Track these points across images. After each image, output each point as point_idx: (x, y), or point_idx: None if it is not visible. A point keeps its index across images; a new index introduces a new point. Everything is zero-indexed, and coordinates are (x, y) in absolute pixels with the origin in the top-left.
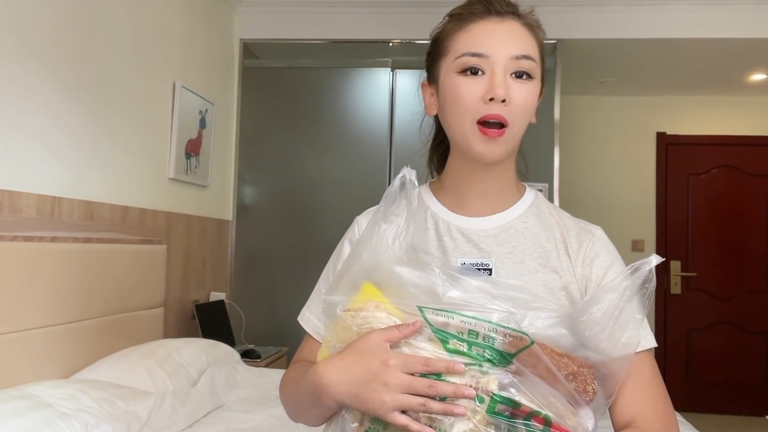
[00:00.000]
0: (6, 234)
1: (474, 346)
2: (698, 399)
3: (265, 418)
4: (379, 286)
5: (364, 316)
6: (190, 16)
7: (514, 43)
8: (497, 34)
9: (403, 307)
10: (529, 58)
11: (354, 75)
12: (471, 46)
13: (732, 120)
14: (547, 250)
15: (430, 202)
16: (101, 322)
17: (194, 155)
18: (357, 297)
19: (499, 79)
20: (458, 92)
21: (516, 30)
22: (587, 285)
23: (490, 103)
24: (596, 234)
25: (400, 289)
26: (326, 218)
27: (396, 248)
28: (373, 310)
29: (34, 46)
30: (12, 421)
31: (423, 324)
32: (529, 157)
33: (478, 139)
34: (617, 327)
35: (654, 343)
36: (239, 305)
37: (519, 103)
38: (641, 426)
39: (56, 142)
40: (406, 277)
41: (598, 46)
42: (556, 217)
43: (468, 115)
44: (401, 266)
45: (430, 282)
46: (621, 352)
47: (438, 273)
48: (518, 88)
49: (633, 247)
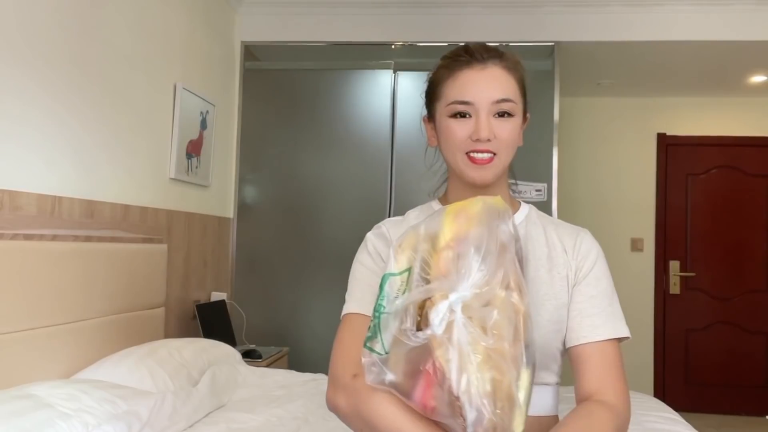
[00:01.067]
0: (6, 232)
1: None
2: (698, 399)
3: (266, 418)
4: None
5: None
6: (191, 18)
7: (496, 89)
8: (480, 82)
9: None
10: (508, 101)
11: (356, 77)
12: (458, 94)
13: (732, 121)
14: (549, 252)
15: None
16: (102, 322)
17: (195, 156)
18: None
19: (483, 122)
20: (451, 132)
21: (497, 75)
22: (577, 274)
23: (476, 141)
24: (586, 233)
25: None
26: (328, 220)
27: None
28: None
29: (35, 47)
30: (12, 421)
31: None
32: (528, 157)
33: (469, 167)
34: (596, 315)
35: (627, 334)
36: (240, 305)
37: (503, 138)
38: (602, 399)
39: (57, 141)
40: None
41: (597, 48)
42: (549, 223)
43: (459, 150)
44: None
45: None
46: (597, 337)
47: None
48: (501, 126)
49: (632, 246)
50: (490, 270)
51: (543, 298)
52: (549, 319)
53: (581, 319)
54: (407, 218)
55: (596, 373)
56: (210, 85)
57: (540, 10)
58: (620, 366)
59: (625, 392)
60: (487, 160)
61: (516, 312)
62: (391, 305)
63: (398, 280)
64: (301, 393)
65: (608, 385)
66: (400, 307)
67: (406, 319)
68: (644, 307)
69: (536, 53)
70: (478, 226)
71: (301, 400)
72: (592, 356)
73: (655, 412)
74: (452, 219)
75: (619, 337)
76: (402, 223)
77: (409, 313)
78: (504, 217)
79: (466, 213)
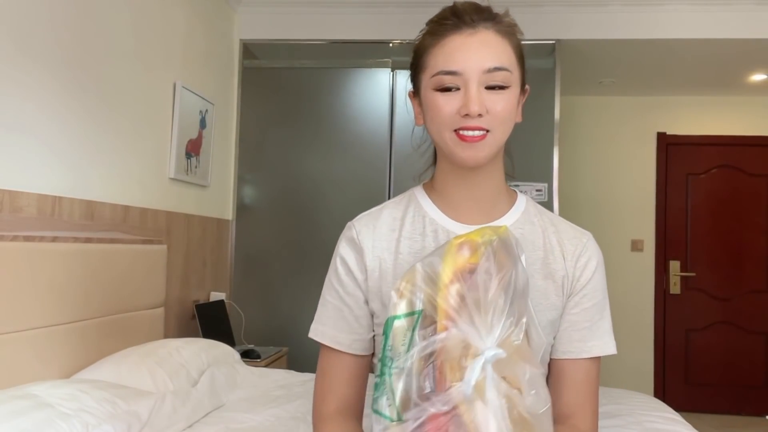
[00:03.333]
0: (6, 234)
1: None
2: (698, 399)
3: (265, 418)
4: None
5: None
6: (190, 17)
7: (487, 56)
8: (469, 49)
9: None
10: (502, 69)
11: (354, 75)
12: (444, 63)
13: (732, 120)
14: (544, 256)
15: (428, 207)
16: (102, 322)
17: (194, 155)
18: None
19: (473, 94)
20: (436, 107)
21: (489, 40)
22: (574, 284)
23: (466, 117)
24: (588, 239)
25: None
26: (326, 218)
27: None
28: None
29: (34, 46)
30: (12, 421)
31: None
32: (529, 156)
33: (459, 146)
34: (587, 330)
35: (614, 351)
36: (239, 305)
37: (498, 111)
38: (579, 426)
39: (57, 141)
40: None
41: (598, 47)
42: (549, 221)
43: (446, 127)
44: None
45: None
46: (585, 354)
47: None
48: (494, 99)
49: (632, 247)
50: (517, 314)
51: (536, 309)
52: (542, 333)
53: (572, 333)
54: (381, 215)
55: (577, 394)
56: (209, 84)
57: (541, 8)
58: (597, 385)
59: (597, 414)
60: (478, 138)
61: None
62: (399, 358)
63: (404, 323)
64: (300, 393)
65: (587, 410)
66: (415, 360)
67: (424, 381)
68: (644, 307)
69: (537, 51)
70: (491, 259)
71: (300, 400)
72: (576, 374)
73: (655, 412)
74: (456, 251)
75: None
76: (377, 221)
77: (428, 374)
78: (521, 247)
79: (471, 244)
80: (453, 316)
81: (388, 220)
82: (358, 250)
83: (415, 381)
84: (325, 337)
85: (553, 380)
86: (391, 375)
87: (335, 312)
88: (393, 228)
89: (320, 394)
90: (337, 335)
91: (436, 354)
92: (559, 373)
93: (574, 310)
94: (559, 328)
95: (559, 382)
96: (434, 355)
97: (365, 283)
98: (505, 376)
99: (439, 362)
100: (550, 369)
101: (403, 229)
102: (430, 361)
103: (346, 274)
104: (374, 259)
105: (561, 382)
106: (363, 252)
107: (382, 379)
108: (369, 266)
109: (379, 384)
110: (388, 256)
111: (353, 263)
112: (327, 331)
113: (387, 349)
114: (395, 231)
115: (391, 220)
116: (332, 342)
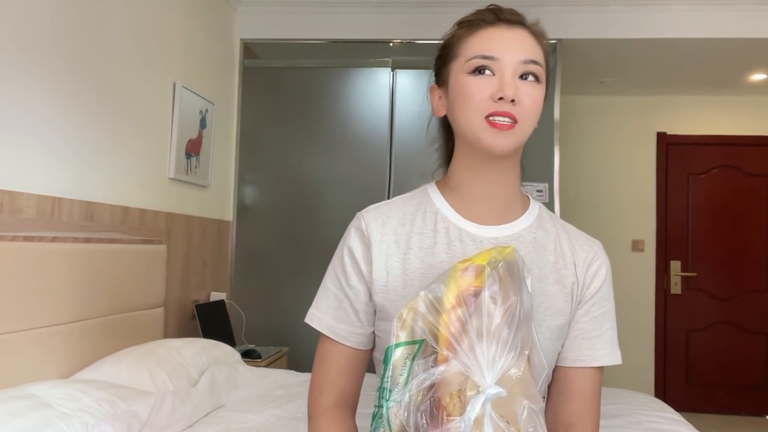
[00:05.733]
0: (6, 234)
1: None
2: (698, 399)
3: (265, 418)
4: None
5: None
6: (190, 16)
7: (523, 49)
8: (507, 40)
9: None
10: (536, 63)
11: (354, 75)
12: (482, 49)
13: (732, 120)
14: (555, 261)
15: (440, 204)
16: (101, 322)
17: (194, 155)
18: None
19: (509, 80)
20: (469, 90)
21: (524, 37)
22: (584, 291)
23: (499, 101)
24: (599, 247)
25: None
26: (326, 218)
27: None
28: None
29: (34, 46)
30: (12, 421)
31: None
32: (529, 157)
33: (487, 131)
34: (596, 338)
35: (620, 361)
36: (239, 305)
37: (527, 103)
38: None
39: (56, 142)
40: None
41: (598, 46)
42: (561, 228)
43: (477, 112)
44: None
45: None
46: (594, 363)
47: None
48: (527, 90)
49: (633, 247)
50: (521, 345)
51: (545, 314)
52: (550, 338)
53: (581, 341)
54: (392, 209)
55: (582, 403)
56: (209, 84)
57: (541, 8)
58: (600, 394)
59: (598, 424)
60: (508, 126)
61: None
62: (398, 390)
63: (403, 351)
64: (300, 393)
65: (589, 419)
66: (413, 393)
67: (422, 418)
68: (645, 307)
69: None
70: (496, 284)
71: (301, 400)
72: (582, 382)
73: (656, 412)
74: (460, 274)
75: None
76: (387, 215)
77: (425, 410)
78: (527, 269)
79: (476, 267)
80: (454, 345)
81: (399, 215)
82: (365, 242)
83: (412, 416)
84: (322, 325)
85: (558, 388)
86: (388, 408)
87: (336, 302)
88: (403, 222)
89: (317, 383)
90: (335, 325)
91: (435, 387)
92: (565, 381)
93: (584, 319)
94: (568, 336)
95: (564, 389)
96: (434, 388)
97: (370, 275)
98: (502, 414)
99: (437, 395)
100: (555, 376)
101: (414, 225)
102: (429, 395)
103: (352, 266)
104: (381, 253)
105: (566, 390)
106: (371, 244)
107: (379, 411)
108: (375, 259)
109: (376, 415)
110: (397, 250)
111: (360, 255)
112: (325, 319)
113: (385, 380)
114: (405, 225)
115: (402, 214)
116: (330, 332)
